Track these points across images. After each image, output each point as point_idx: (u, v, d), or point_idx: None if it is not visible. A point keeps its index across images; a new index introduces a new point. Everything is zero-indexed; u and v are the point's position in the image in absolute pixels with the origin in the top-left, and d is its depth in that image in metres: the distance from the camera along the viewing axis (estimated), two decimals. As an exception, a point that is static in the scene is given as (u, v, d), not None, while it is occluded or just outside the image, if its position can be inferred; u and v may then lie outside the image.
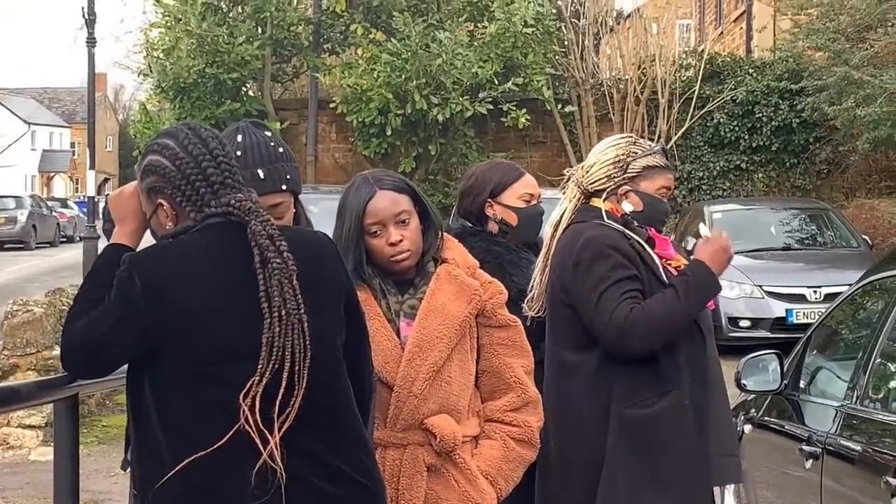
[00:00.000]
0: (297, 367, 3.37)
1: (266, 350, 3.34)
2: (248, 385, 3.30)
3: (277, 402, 3.33)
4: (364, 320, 3.89)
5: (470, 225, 5.59)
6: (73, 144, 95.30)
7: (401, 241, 4.39)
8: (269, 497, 3.34)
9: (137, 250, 3.58)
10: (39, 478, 10.18)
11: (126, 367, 3.55)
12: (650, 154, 4.92)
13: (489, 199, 5.52)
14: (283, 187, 4.05)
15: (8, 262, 38.27)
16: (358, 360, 3.76)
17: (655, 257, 4.80)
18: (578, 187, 4.93)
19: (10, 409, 3.61)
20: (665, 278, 4.77)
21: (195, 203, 3.50)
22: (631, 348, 4.62)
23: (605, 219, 4.82)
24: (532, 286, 5.00)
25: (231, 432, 3.29)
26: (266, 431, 3.29)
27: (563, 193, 5.24)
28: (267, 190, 3.95)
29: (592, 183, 4.89)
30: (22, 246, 47.27)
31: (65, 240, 53.86)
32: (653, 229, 4.97)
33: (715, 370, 4.94)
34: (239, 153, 3.97)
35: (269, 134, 4.20)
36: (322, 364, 3.48)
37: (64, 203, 63.36)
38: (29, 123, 71.59)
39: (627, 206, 4.85)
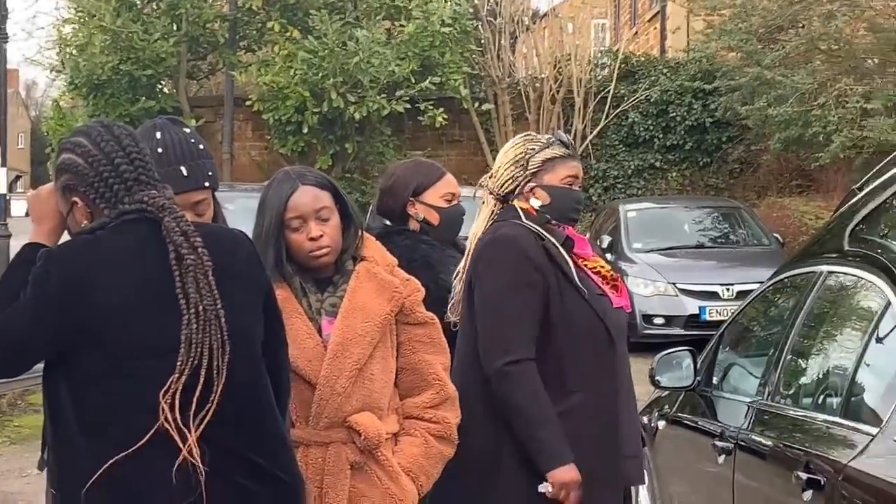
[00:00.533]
0: (215, 364, 3.35)
1: (185, 346, 3.31)
2: (168, 382, 3.28)
3: (195, 399, 3.30)
4: (282, 318, 3.86)
5: (389, 223, 5.59)
6: (1, 148, 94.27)
7: (321, 236, 4.37)
8: (191, 494, 3.34)
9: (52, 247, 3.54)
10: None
11: (41, 366, 3.51)
12: (547, 147, 4.92)
13: (411, 198, 5.52)
14: (206, 184, 4.04)
15: None
16: (276, 357, 3.74)
17: (569, 259, 4.76)
18: (492, 194, 4.94)
19: None
20: (577, 280, 4.73)
21: (109, 200, 3.46)
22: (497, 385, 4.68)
23: (524, 219, 4.82)
24: (453, 293, 4.98)
25: (151, 431, 3.27)
26: (185, 429, 3.27)
27: (480, 203, 5.25)
28: (190, 187, 3.93)
29: (501, 186, 4.89)
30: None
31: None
32: (570, 228, 4.96)
33: (624, 371, 4.94)
34: (160, 150, 3.95)
35: (187, 131, 4.18)
36: (241, 361, 3.46)
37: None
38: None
39: (535, 202, 4.85)
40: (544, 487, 4.57)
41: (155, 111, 26.58)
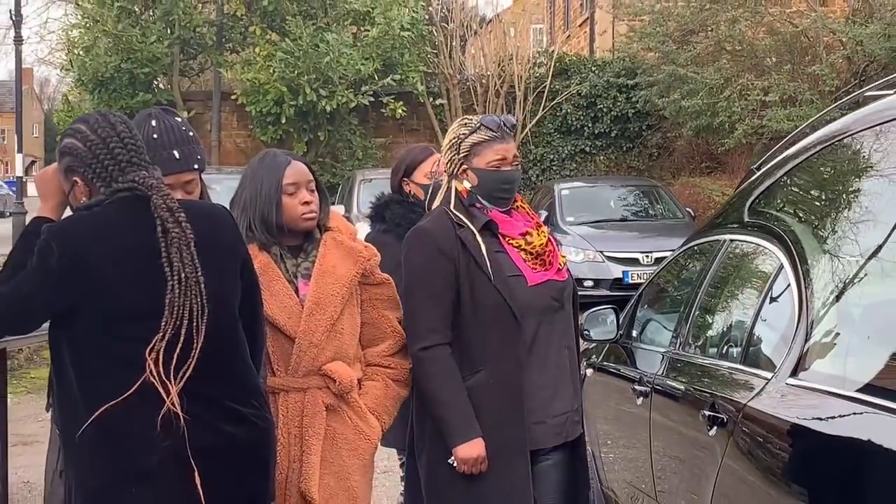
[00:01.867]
0: (195, 324, 3.38)
1: (168, 310, 3.35)
2: (153, 341, 3.30)
3: (176, 355, 3.33)
4: (258, 283, 3.92)
5: (395, 193, 5.74)
6: (2, 131, 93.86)
7: (311, 202, 4.46)
8: (175, 439, 3.35)
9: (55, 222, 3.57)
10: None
11: (48, 324, 3.53)
12: (475, 131, 4.79)
13: (404, 178, 5.56)
14: (196, 166, 4.09)
15: None
16: (252, 317, 3.81)
17: (484, 245, 4.66)
18: (446, 173, 4.90)
19: None
20: (487, 268, 4.64)
21: (104, 180, 3.50)
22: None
23: (451, 204, 4.77)
24: None
25: (137, 384, 3.29)
26: (168, 382, 3.30)
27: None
28: (182, 168, 3.96)
29: (446, 168, 4.86)
30: (-47, 222, 46.25)
31: (-4, 215, 53.03)
32: (494, 211, 4.84)
33: (545, 346, 4.84)
34: (155, 136, 3.98)
35: (179, 119, 4.21)
36: (219, 321, 3.50)
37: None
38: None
39: (466, 184, 4.78)
40: (452, 461, 4.57)
41: (152, 104, 26.36)
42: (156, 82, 29.18)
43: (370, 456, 4.57)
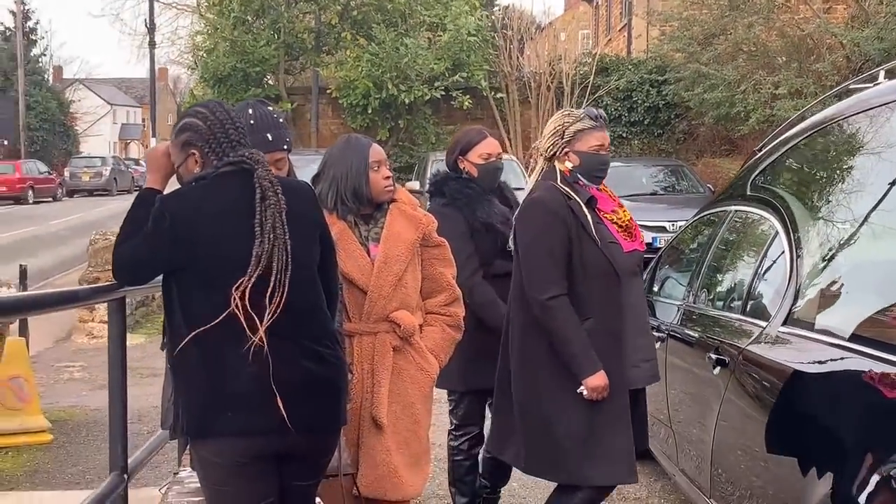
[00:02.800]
0: (279, 277, 3.41)
1: (254, 260, 3.38)
2: (240, 282, 3.36)
3: (265, 303, 3.38)
4: (333, 247, 3.90)
5: (452, 171, 5.58)
6: (143, 120, 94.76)
7: (390, 178, 4.53)
8: (263, 370, 3.38)
9: (166, 192, 3.61)
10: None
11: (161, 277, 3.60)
12: (579, 121, 4.77)
13: (459, 156, 5.51)
14: (284, 147, 4.14)
15: (95, 205, 37.82)
16: (328, 276, 3.79)
17: (589, 215, 4.65)
18: (541, 156, 4.85)
19: (71, 307, 3.65)
20: (594, 234, 4.63)
21: (217, 154, 3.56)
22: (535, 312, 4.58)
23: (558, 179, 4.72)
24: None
25: (225, 313, 3.35)
26: (255, 319, 3.35)
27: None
28: (273, 148, 4.02)
29: (546, 151, 4.80)
30: (106, 193, 46.52)
31: (137, 188, 53.21)
32: (594, 188, 4.84)
33: (634, 302, 4.82)
34: (252, 122, 4.05)
35: (270, 108, 4.26)
36: (301, 276, 3.52)
37: (136, 162, 62.95)
38: (111, 104, 70.73)
39: (568, 164, 4.74)
40: (581, 390, 4.49)
41: (262, 97, 26.72)
42: (265, 79, 29.40)
43: (430, 388, 4.60)
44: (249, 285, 3.38)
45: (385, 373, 4.39)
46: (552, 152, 4.75)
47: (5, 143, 45.98)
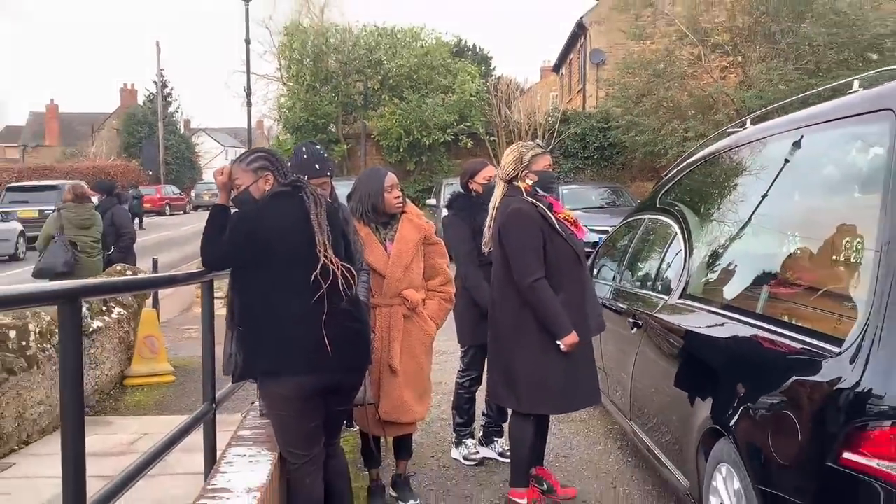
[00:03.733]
0: (331, 260, 3.44)
1: (321, 253, 3.42)
2: (315, 271, 3.40)
3: (328, 282, 3.41)
4: (358, 242, 3.89)
5: (463, 190, 5.50)
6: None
7: (399, 196, 4.47)
8: (316, 328, 3.39)
9: (243, 208, 3.61)
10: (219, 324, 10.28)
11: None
12: (532, 149, 4.69)
13: (469, 179, 5.46)
14: (328, 173, 4.09)
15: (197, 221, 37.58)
16: (350, 260, 3.71)
17: (552, 216, 4.51)
18: (501, 179, 4.70)
19: (172, 286, 3.65)
20: (559, 228, 4.50)
21: (283, 177, 3.61)
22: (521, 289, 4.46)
23: (525, 194, 4.58)
24: (485, 234, 4.73)
25: (316, 296, 3.41)
26: (322, 283, 3.41)
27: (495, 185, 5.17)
28: (320, 175, 4.00)
29: (507, 174, 4.63)
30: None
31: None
32: (550, 197, 4.75)
33: (586, 277, 4.71)
34: (305, 156, 4.05)
35: (318, 147, 4.24)
36: (344, 262, 3.53)
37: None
38: (223, 146, 70.71)
39: (529, 182, 4.59)
40: (559, 345, 4.36)
41: (326, 141, 27.01)
42: (328, 127, 29.24)
43: (430, 343, 4.57)
44: (320, 263, 3.41)
45: (398, 333, 4.38)
46: (513, 175, 4.62)
47: (150, 173, 46.10)
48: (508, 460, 4.95)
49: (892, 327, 2.65)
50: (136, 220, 32.57)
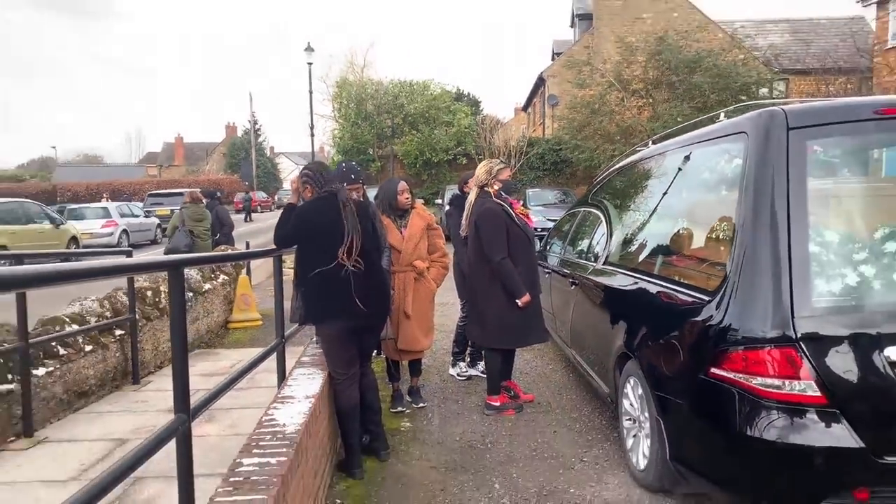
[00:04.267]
0: (355, 242, 3.38)
1: (346, 238, 3.36)
2: (342, 248, 3.35)
3: (349, 253, 3.35)
4: (383, 232, 3.85)
5: (459, 192, 5.40)
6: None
7: (409, 198, 4.40)
8: (349, 287, 3.36)
9: (298, 207, 3.56)
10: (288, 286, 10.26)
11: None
12: (499, 164, 4.60)
13: (464, 184, 5.39)
14: (360, 181, 3.99)
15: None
16: (376, 241, 3.67)
17: (512, 212, 4.48)
18: (476, 186, 4.61)
19: (248, 259, 3.58)
20: (517, 220, 4.45)
21: (321, 188, 3.51)
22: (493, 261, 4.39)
23: (493, 197, 4.54)
24: (463, 223, 4.68)
25: (334, 263, 3.33)
26: (347, 261, 3.35)
27: (471, 188, 5.09)
28: (354, 182, 3.92)
29: (480, 182, 4.57)
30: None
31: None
32: (511, 199, 4.70)
33: (534, 257, 4.65)
34: (344, 169, 3.96)
35: (354, 163, 4.15)
36: (367, 244, 3.47)
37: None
38: (297, 164, 70.17)
39: (496, 187, 4.55)
40: (518, 302, 4.35)
41: (365, 160, 26.77)
42: (368, 150, 28.96)
43: (432, 297, 4.49)
44: (345, 248, 3.36)
45: (410, 290, 4.36)
46: (484, 182, 4.57)
47: (247, 183, 45.95)
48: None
49: (744, 283, 2.64)
50: (246, 215, 32.55)
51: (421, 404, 4.65)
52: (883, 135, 2.84)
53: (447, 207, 5.77)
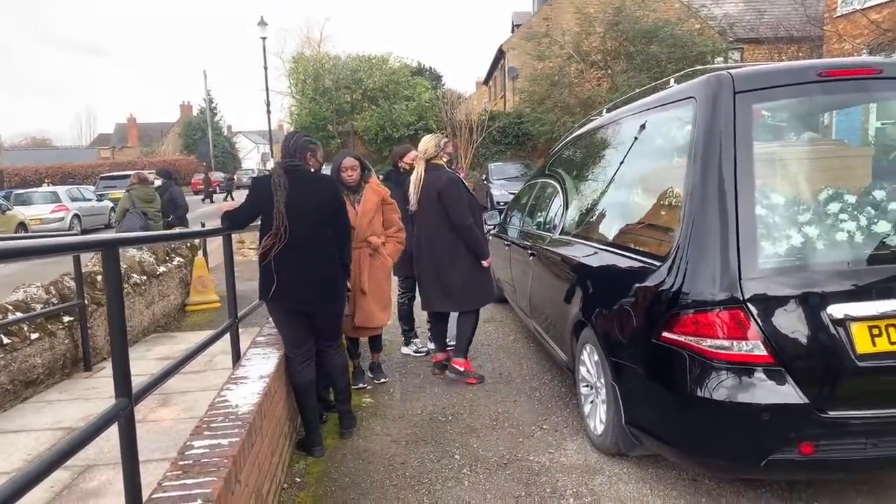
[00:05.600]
0: (283, 225, 3.24)
1: (276, 213, 3.24)
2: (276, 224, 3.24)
3: (279, 236, 3.24)
4: (345, 211, 3.53)
5: (394, 169, 5.29)
6: (271, 150, 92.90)
7: (352, 175, 4.28)
8: (285, 270, 3.25)
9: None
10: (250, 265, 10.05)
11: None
12: (444, 138, 4.65)
13: (399, 160, 5.33)
14: (304, 152, 3.65)
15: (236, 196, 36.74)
16: (340, 223, 3.47)
17: (465, 182, 4.57)
18: (422, 159, 4.62)
19: (193, 238, 3.42)
20: (469, 190, 4.54)
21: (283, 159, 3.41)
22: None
23: (447, 167, 4.60)
24: (411, 198, 4.63)
25: (274, 231, 3.23)
26: (283, 245, 3.23)
27: (407, 163, 5.06)
28: (290, 154, 3.60)
29: (429, 156, 4.57)
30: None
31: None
32: (458, 168, 4.82)
33: (482, 218, 4.79)
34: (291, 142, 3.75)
35: (307, 138, 3.93)
36: (311, 225, 3.31)
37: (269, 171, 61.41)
38: (255, 143, 68.63)
39: (444, 159, 4.60)
40: (484, 263, 4.47)
41: (324, 137, 26.29)
42: (327, 127, 28.38)
43: (388, 272, 4.42)
44: (276, 226, 3.23)
45: (366, 266, 4.29)
46: (433, 156, 4.58)
47: (204, 164, 44.83)
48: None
49: (693, 247, 2.66)
50: (227, 195, 31.75)
51: (382, 380, 4.63)
52: (826, 97, 2.88)
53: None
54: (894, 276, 2.50)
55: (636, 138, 3.69)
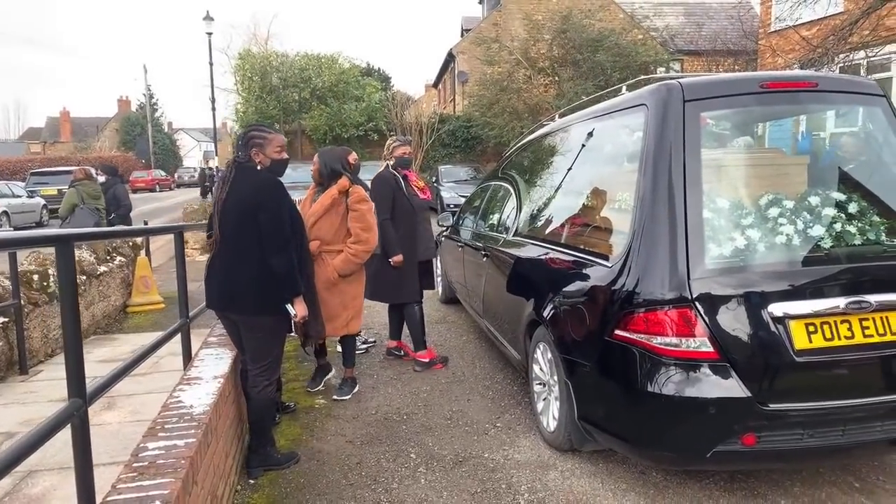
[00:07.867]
0: (220, 219, 3.09)
1: (214, 210, 3.13)
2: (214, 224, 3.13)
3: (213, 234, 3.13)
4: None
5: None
6: (215, 148, 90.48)
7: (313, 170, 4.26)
8: (211, 272, 3.14)
9: None
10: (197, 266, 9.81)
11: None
12: (395, 142, 4.83)
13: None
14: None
15: (189, 192, 35.73)
16: (295, 225, 3.15)
17: (404, 184, 4.69)
18: (384, 160, 4.81)
19: (147, 235, 3.26)
20: (405, 189, 4.67)
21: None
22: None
23: (390, 168, 4.75)
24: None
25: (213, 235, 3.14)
26: (215, 238, 3.10)
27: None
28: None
29: (383, 157, 4.78)
30: (196, 186, 44.15)
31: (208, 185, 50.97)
32: (408, 171, 4.90)
33: (426, 226, 4.88)
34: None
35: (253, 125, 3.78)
36: (233, 227, 3.05)
37: (211, 169, 60.14)
38: (197, 140, 66.72)
39: (392, 162, 4.78)
40: (391, 260, 4.57)
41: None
42: (273, 126, 27.82)
43: (330, 285, 4.05)
44: (215, 228, 3.10)
45: (315, 272, 4.08)
46: (386, 157, 4.86)
47: (143, 161, 43.36)
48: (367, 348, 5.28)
49: (644, 249, 2.77)
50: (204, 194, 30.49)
51: (344, 397, 4.27)
52: (767, 107, 3.04)
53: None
54: (828, 276, 2.66)
55: (588, 142, 3.79)
